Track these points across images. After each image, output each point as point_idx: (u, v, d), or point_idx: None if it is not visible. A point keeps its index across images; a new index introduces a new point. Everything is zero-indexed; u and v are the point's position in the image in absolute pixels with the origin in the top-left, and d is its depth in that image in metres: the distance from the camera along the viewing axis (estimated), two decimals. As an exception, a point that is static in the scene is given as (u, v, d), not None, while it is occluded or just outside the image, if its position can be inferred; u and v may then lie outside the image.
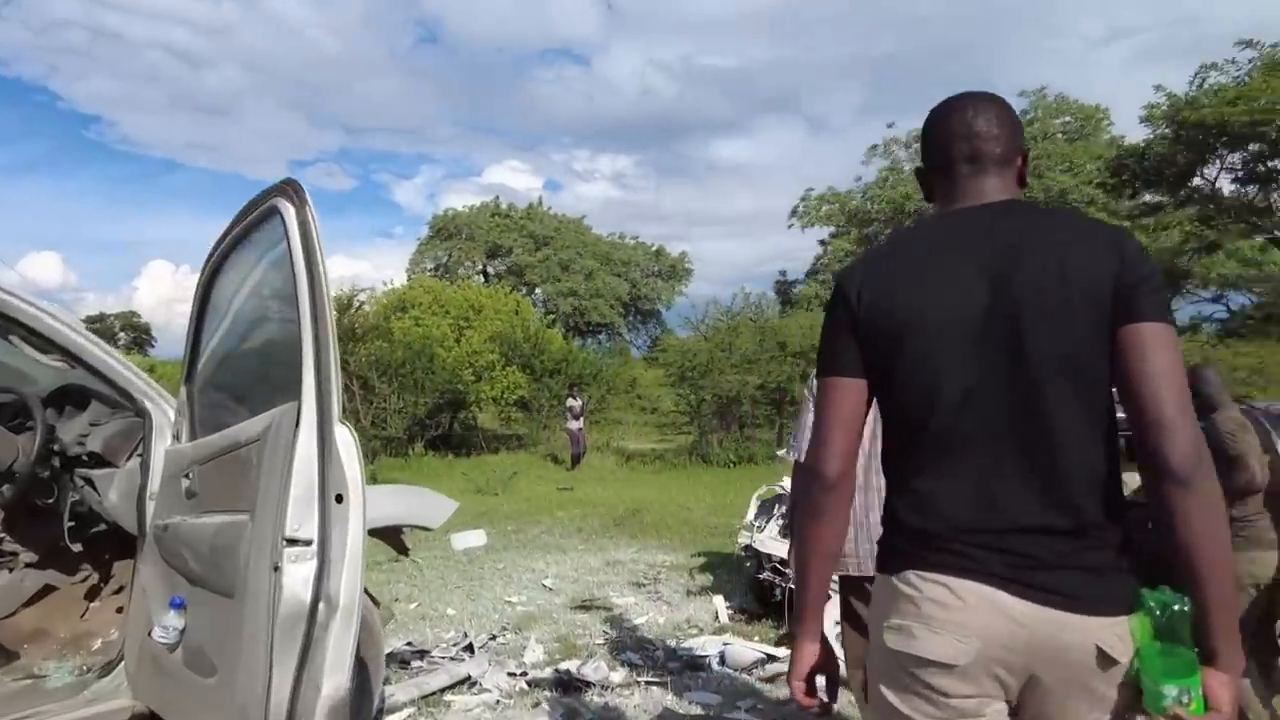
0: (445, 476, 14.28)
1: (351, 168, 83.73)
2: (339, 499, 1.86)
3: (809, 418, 2.65)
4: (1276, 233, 14.79)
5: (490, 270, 37.54)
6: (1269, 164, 14.02)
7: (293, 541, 1.80)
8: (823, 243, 29.43)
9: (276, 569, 1.78)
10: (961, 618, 1.24)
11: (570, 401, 15.36)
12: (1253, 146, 13.51)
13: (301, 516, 1.82)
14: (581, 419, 15.38)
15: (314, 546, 1.81)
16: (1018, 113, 1.50)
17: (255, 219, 2.13)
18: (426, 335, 17.50)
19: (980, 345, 1.27)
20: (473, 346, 17.66)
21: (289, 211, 1.92)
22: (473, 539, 8.41)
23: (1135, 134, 23.91)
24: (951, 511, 1.28)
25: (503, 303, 20.05)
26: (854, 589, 2.66)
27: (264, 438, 1.94)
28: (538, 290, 35.99)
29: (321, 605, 1.78)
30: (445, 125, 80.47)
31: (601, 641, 5.18)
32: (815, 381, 1.56)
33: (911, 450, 1.34)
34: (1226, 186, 14.69)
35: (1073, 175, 24.26)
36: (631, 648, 5.04)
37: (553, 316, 24.00)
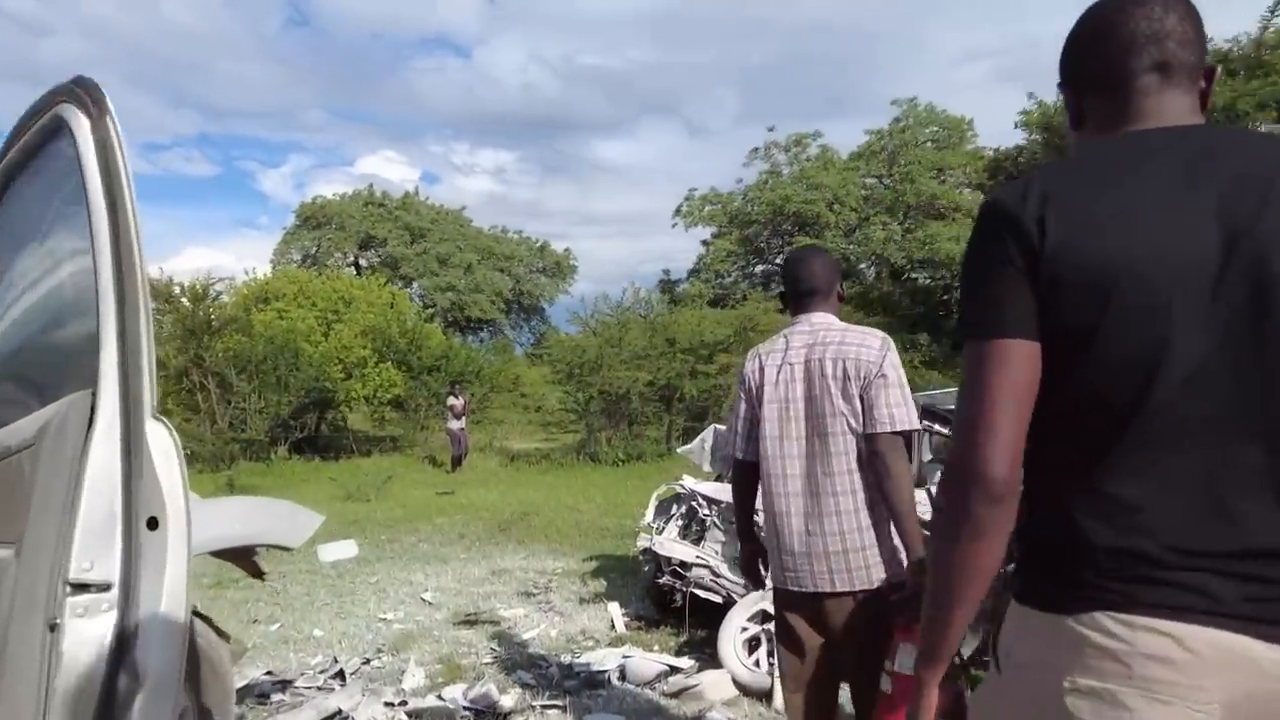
0: (311, 482, 13.26)
1: (213, 153, 78.41)
2: (152, 524, 1.34)
3: (741, 408, 2.47)
4: None
5: (363, 262, 35.79)
6: None
7: (80, 587, 1.27)
8: (705, 243, 29.72)
9: (54, 627, 1.25)
10: (1196, 678, 0.92)
11: (451, 400, 14.60)
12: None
13: (95, 550, 1.29)
14: (463, 418, 14.66)
15: (113, 592, 1.29)
16: (891, 121, 1.20)
17: (36, 137, 1.54)
18: (291, 329, 16.25)
19: (1216, 305, 0.94)
20: (342, 341, 16.54)
21: (80, 125, 1.38)
22: (342, 550, 7.69)
23: (994, 145, 25.67)
24: (1169, 526, 0.95)
25: (376, 295, 18.93)
26: (791, 603, 2.36)
27: (41, 440, 1.40)
28: (415, 284, 34.58)
29: (122, 678, 1.25)
30: (316, 112, 76.61)
31: (490, 660, 4.72)
32: (736, 372, 1.49)
33: (1104, 440, 0.99)
34: None
35: (940, 181, 25.51)
36: (523, 666, 4.61)
37: (431, 311, 22.97)
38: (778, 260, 29.03)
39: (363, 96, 74.02)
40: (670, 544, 5.27)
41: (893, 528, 2.24)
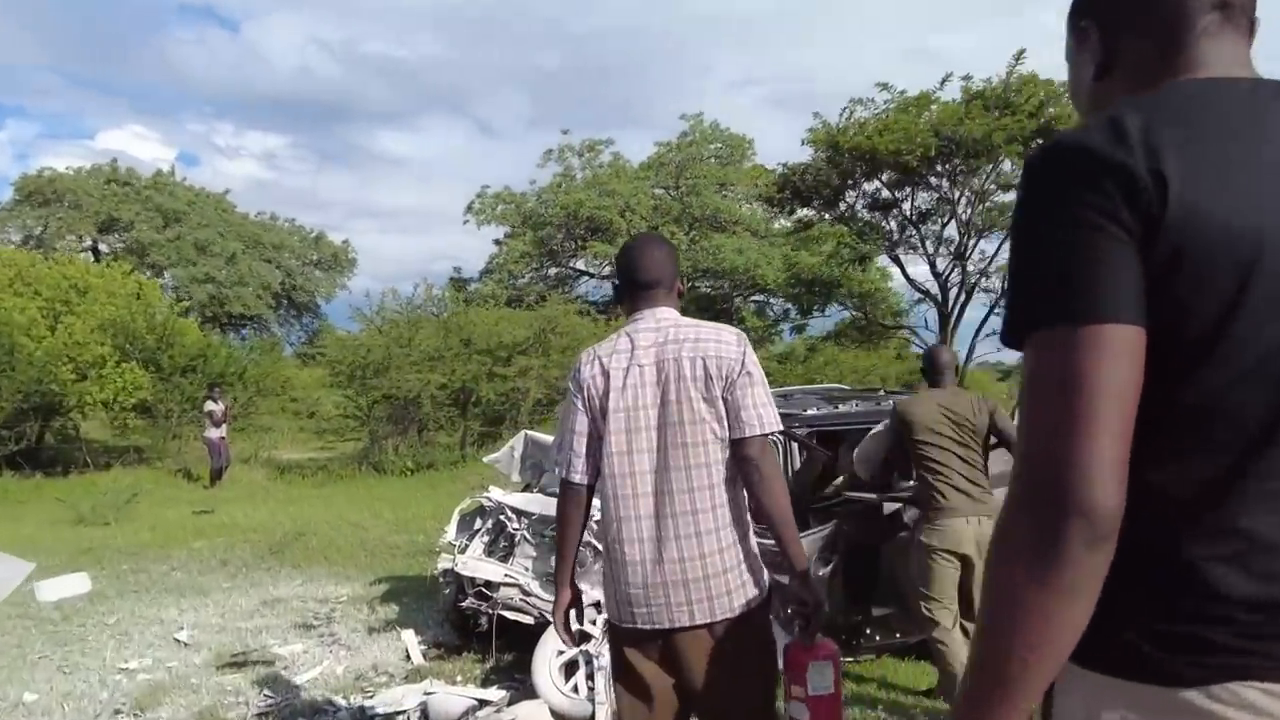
0: (31, 503, 11.17)
1: (-108, 106, 65.19)
2: None
3: (576, 420, 2.12)
4: (897, 252, 18.00)
5: (104, 247, 31.23)
6: (894, 193, 17.10)
7: None
8: (498, 242, 29.07)
9: None
10: None
11: (209, 405, 12.91)
12: (884, 176, 16.36)
13: None
14: (223, 426, 13.02)
15: None
16: (679, 135, 0.99)
17: None
18: (6, 320, 13.61)
19: None
20: (74, 336, 14.09)
21: None
22: (69, 586, 6.45)
23: (769, 164, 27.42)
24: None
25: (118, 284, 16.36)
26: (635, 641, 2.10)
27: None
28: (166, 274, 30.71)
29: None
30: (44, 74, 66.10)
31: (263, 710, 4.06)
32: (570, 376, 1.65)
33: (1234, 462, 0.77)
34: (864, 210, 17.68)
35: (723, 196, 26.79)
36: (304, 713, 4.03)
37: (185, 305, 20.38)
38: (572, 263, 29.06)
39: (106, 62, 65.08)
40: (475, 562, 4.86)
41: (750, 541, 2.05)
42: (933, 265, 17.79)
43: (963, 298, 17.40)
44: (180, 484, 13.25)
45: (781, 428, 2.06)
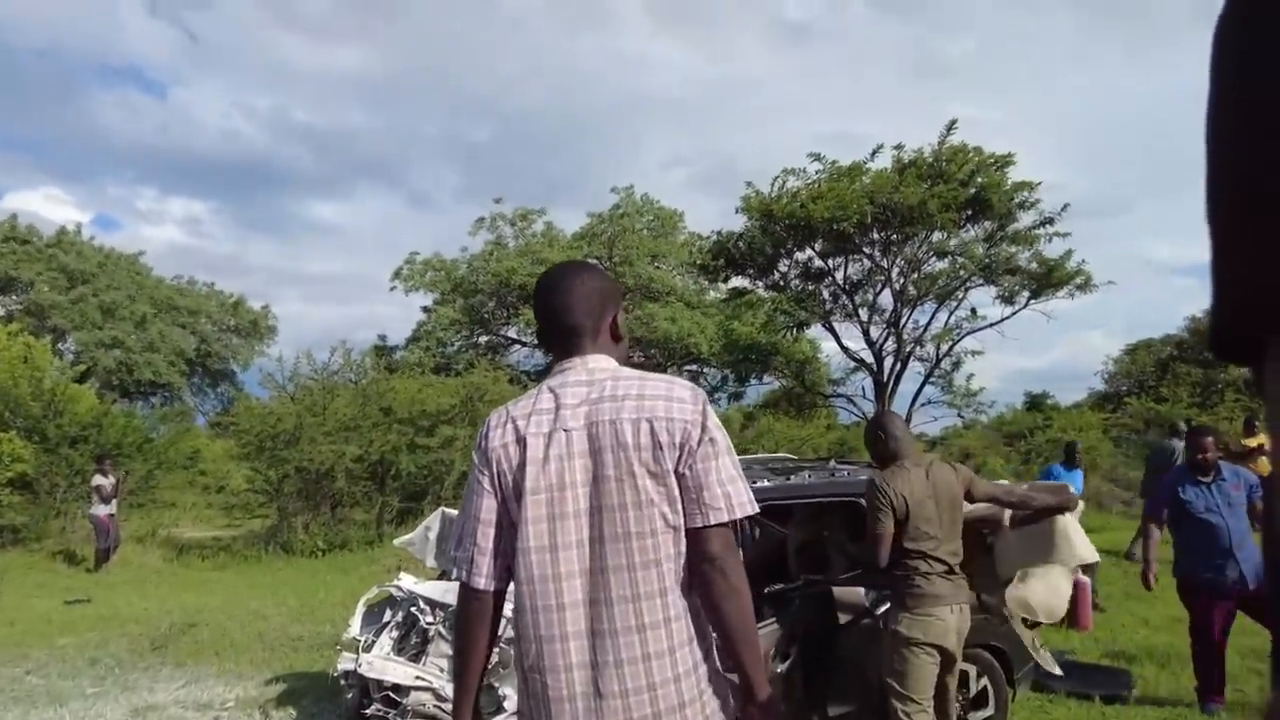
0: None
1: None
2: None
3: (480, 503, 1.63)
4: (831, 320, 18.08)
5: (-2, 310, 29.22)
6: (827, 262, 17.27)
7: None
8: (426, 309, 28.39)
9: None
10: None
11: (98, 479, 11.71)
12: (817, 244, 16.51)
13: None
14: (114, 502, 11.81)
15: None
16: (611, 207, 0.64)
17: None
18: None
19: None
20: (-58, 403, 12.80)
21: None
22: (-103, 696, 5.45)
23: (695, 239, 27.72)
24: None
25: (3, 346, 15.09)
26: None
27: None
28: (70, 338, 28.87)
29: None
30: (-59, 128, 63.03)
31: None
32: (472, 445, 1.55)
33: None
34: (796, 279, 17.77)
35: (656, 267, 26.88)
36: None
37: (82, 369, 18.98)
38: (503, 331, 28.51)
39: (18, 121, 62.45)
40: (382, 662, 4.25)
41: (714, 660, 1.58)
42: (866, 334, 17.88)
43: (898, 366, 17.47)
44: (58, 568, 11.91)
45: (756, 510, 1.57)
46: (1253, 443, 12.59)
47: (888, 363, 17.59)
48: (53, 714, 5.15)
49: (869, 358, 17.81)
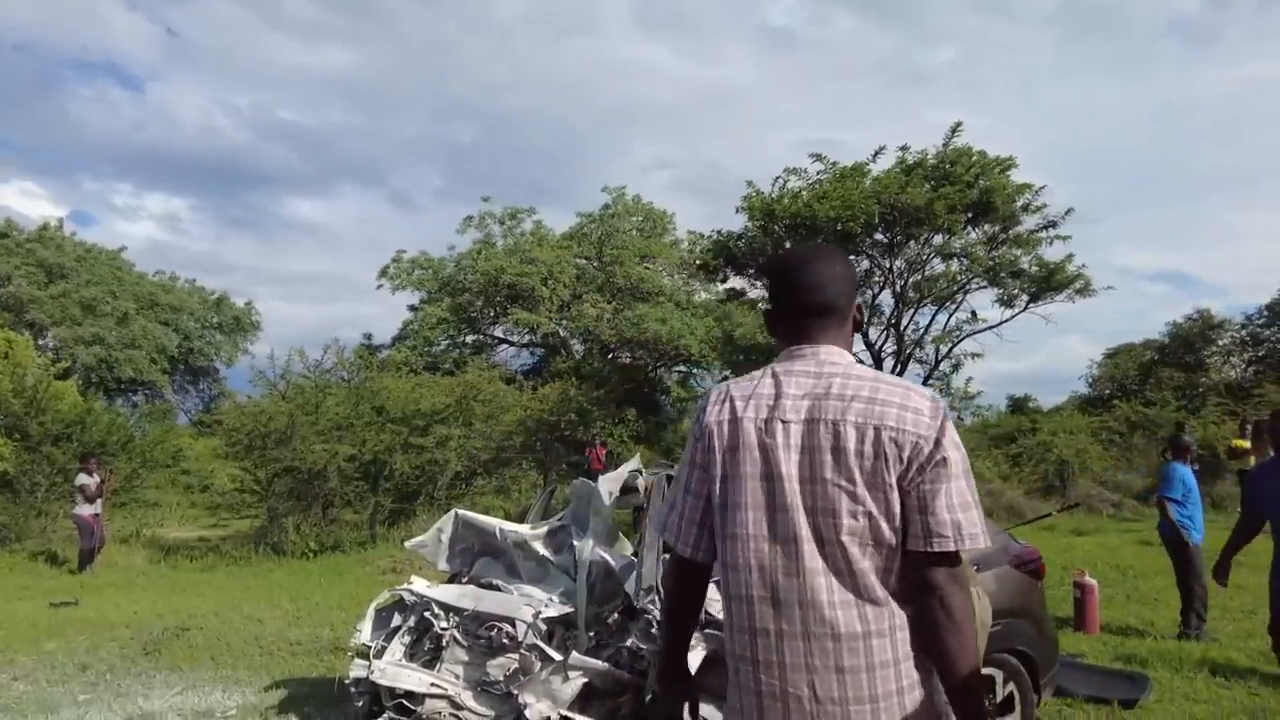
0: None
1: None
2: None
3: (692, 476, 1.62)
4: None
5: (-27, 304, 28.67)
6: None
7: None
8: (413, 308, 28.14)
9: None
10: None
11: (82, 479, 11.43)
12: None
13: None
14: (98, 501, 11.54)
15: None
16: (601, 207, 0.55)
17: None
18: None
19: None
20: (-78, 401, 12.47)
21: None
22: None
23: (685, 240, 27.67)
24: None
25: (-18, 343, 14.79)
26: None
27: None
28: (49, 334, 28.36)
29: None
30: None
31: None
32: (692, 417, 1.56)
33: None
34: None
35: (645, 268, 26.76)
36: None
37: (64, 366, 18.60)
38: (491, 331, 28.32)
39: (-7, 115, 61.52)
40: (395, 669, 4.11)
41: (935, 679, 1.45)
42: (865, 335, 17.83)
43: (897, 368, 17.41)
44: (41, 570, 11.63)
45: (988, 543, 1.44)
46: (1245, 444, 12.78)
47: (887, 365, 17.54)
48: (45, 722, 4.98)
49: (868, 359, 17.76)
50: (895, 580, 1.43)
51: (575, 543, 4.52)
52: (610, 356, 26.22)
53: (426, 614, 4.33)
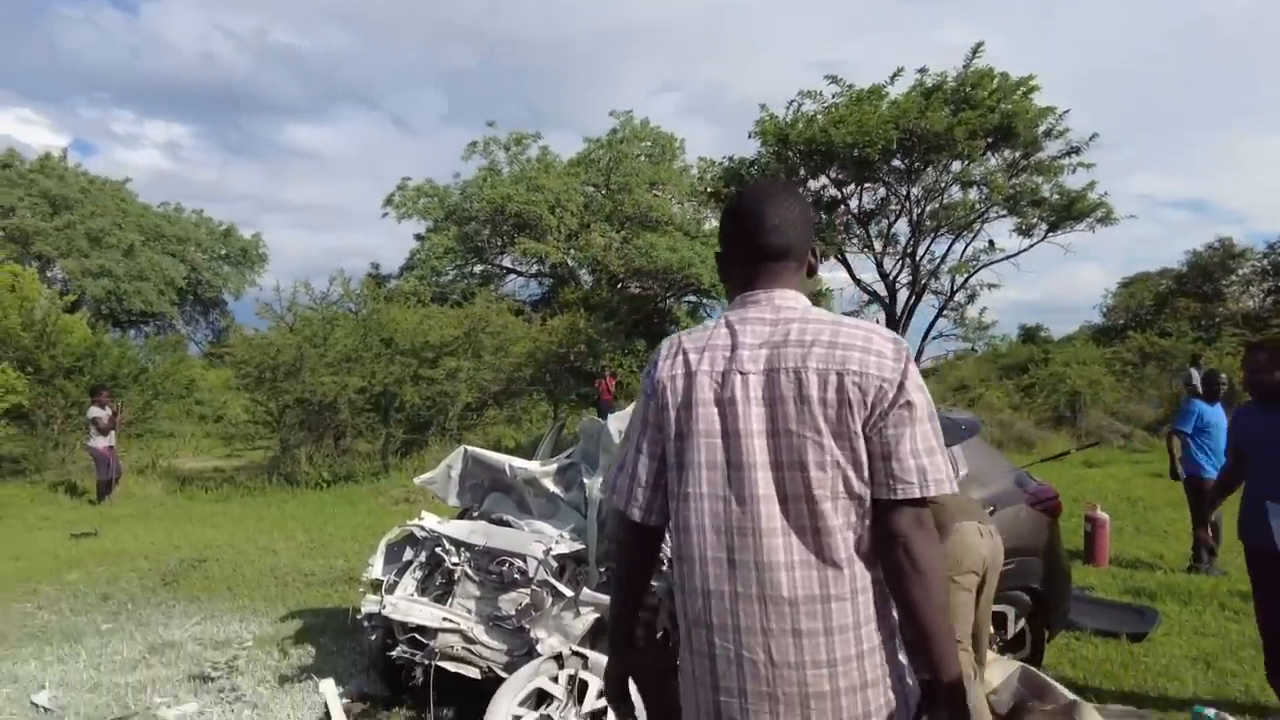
0: (-126, 525, 9.69)
1: None
2: None
3: (643, 435, 1.53)
4: (844, 252, 17.68)
5: (-22, 236, 28.57)
6: (841, 190, 16.78)
7: None
8: (420, 237, 27.81)
9: None
10: None
11: (95, 411, 11.52)
12: (833, 172, 15.99)
13: None
14: (111, 433, 11.65)
15: None
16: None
17: None
18: None
19: None
20: (-71, 333, 12.48)
21: None
22: (-95, 633, 5.38)
23: (693, 165, 27.10)
24: None
25: (-11, 276, 14.72)
26: None
27: None
28: (57, 266, 28.31)
29: None
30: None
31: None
32: (645, 372, 1.49)
33: None
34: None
35: (655, 195, 26.26)
36: (194, 806, 3.21)
37: (72, 299, 18.60)
38: (498, 260, 28.06)
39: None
40: (407, 604, 4.13)
41: (897, 641, 1.41)
42: (880, 265, 17.52)
43: (912, 299, 17.16)
44: (60, 500, 11.83)
45: (955, 489, 1.37)
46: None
47: (901, 295, 17.24)
48: (68, 650, 5.08)
49: (882, 290, 17.46)
50: (859, 541, 1.37)
51: (585, 480, 4.49)
52: (619, 287, 26.00)
53: (437, 549, 4.33)
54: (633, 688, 1.71)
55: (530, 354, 17.79)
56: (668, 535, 1.55)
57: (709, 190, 19.94)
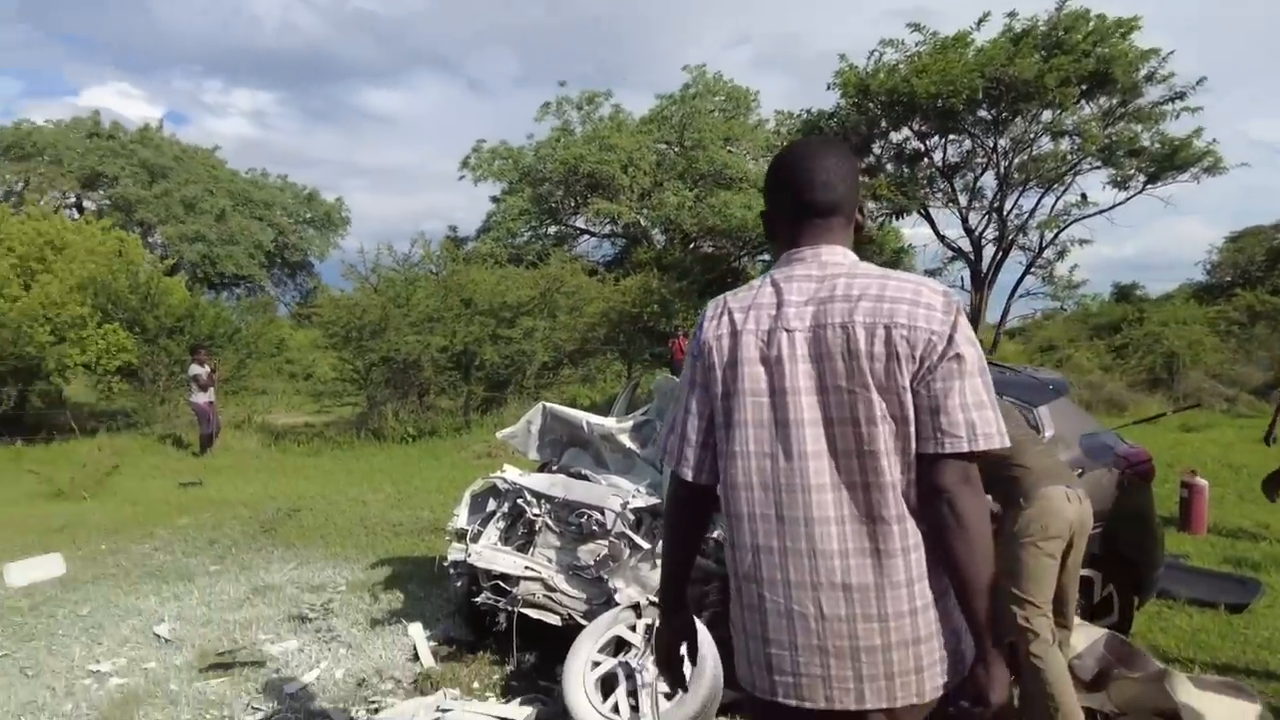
0: (7, 473, 10.54)
1: None
2: None
3: (692, 396, 1.54)
4: (927, 207, 17.05)
5: (89, 204, 30.24)
6: (924, 143, 16.14)
7: None
8: (495, 199, 28.14)
9: None
10: None
11: (195, 369, 12.19)
12: (915, 124, 15.38)
13: None
14: (211, 390, 12.33)
15: None
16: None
17: None
18: (-26, 279, 12.86)
19: None
20: (50, 296, 13.34)
21: None
22: (41, 568, 5.88)
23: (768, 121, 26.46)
24: None
25: (98, 241, 15.56)
26: (764, 716, 1.50)
27: None
28: (155, 232, 29.80)
29: None
30: (23, 29, 64.00)
31: (252, 730, 3.49)
32: (693, 333, 1.48)
33: None
34: (889, 163, 16.69)
35: (729, 152, 25.82)
36: (300, 735, 3.44)
37: (172, 263, 19.59)
38: (572, 221, 28.19)
39: (86, 17, 62.80)
40: (491, 553, 4.28)
41: (950, 598, 1.39)
42: (965, 221, 16.81)
43: (999, 255, 16.43)
44: (168, 451, 12.62)
45: (1006, 442, 1.34)
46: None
47: (987, 252, 16.50)
48: (182, 588, 5.46)
49: (967, 246, 16.74)
50: (911, 497, 1.35)
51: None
52: (692, 246, 25.82)
53: (519, 501, 4.46)
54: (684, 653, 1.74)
55: (604, 314, 17.91)
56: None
57: (786, 145, 19.40)
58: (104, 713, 3.67)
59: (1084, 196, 16.22)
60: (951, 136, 15.89)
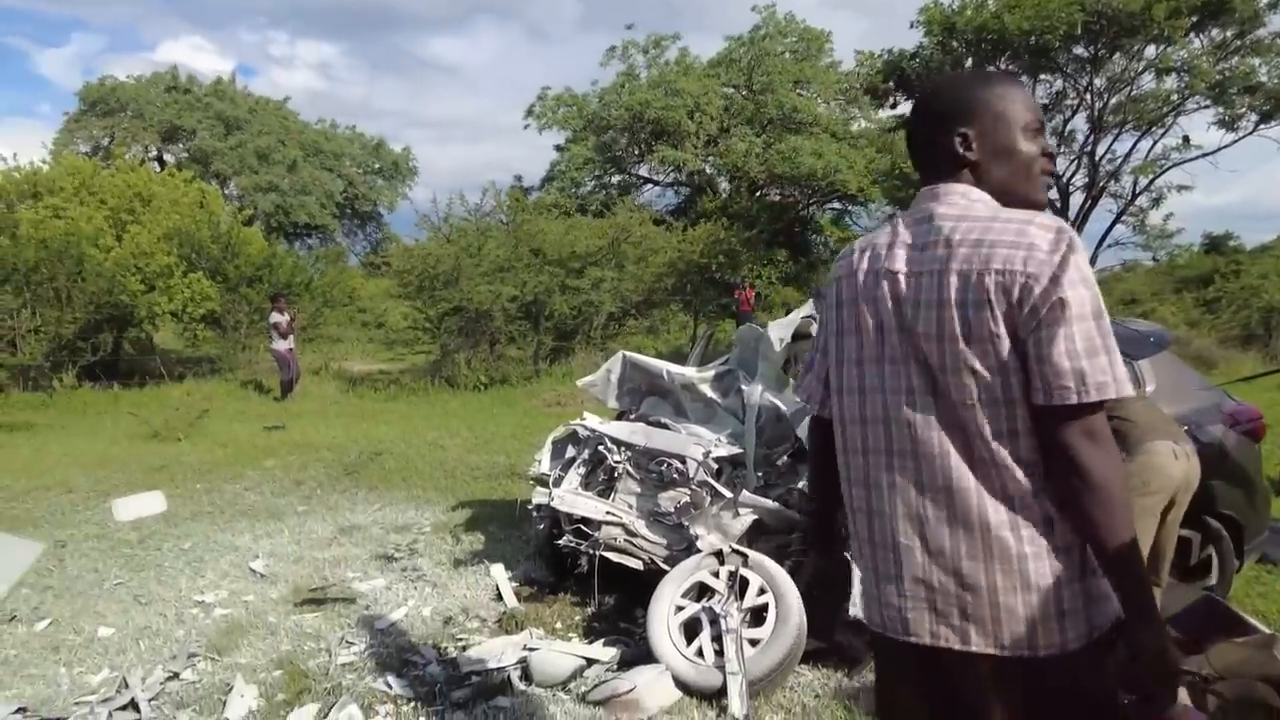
0: (107, 415, 11.14)
1: (-39, 19, 65.84)
2: None
3: (821, 335, 1.58)
4: None
5: (169, 157, 31.22)
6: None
7: None
8: (559, 148, 27.95)
9: None
10: None
11: (275, 316, 12.59)
12: (1003, 63, 14.50)
13: None
14: (290, 337, 12.73)
15: None
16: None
17: None
18: (72, 230, 13.44)
19: None
20: (140, 246, 13.89)
21: None
22: (146, 504, 6.22)
23: (846, 60, 25.47)
24: None
25: (181, 193, 16.07)
26: (892, 658, 1.48)
27: None
28: (230, 183, 30.65)
29: None
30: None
31: (347, 661, 3.64)
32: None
33: None
34: None
35: (800, 95, 25.04)
36: (393, 667, 3.59)
37: (249, 214, 20.14)
38: (636, 170, 27.90)
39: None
40: (573, 497, 4.32)
41: (1075, 554, 1.29)
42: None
43: (1088, 203, 15.61)
44: (251, 396, 13.13)
45: (1129, 391, 1.23)
46: None
47: (1075, 199, 15.63)
48: (273, 527, 5.71)
49: (1054, 194, 15.94)
50: (1025, 445, 1.27)
51: (744, 387, 4.48)
52: (759, 194, 25.31)
53: (600, 447, 4.48)
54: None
55: (671, 264, 17.79)
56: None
57: (864, 86, 18.64)
58: (212, 640, 3.87)
59: (1186, 139, 15.13)
60: (1042, 76, 14.94)
